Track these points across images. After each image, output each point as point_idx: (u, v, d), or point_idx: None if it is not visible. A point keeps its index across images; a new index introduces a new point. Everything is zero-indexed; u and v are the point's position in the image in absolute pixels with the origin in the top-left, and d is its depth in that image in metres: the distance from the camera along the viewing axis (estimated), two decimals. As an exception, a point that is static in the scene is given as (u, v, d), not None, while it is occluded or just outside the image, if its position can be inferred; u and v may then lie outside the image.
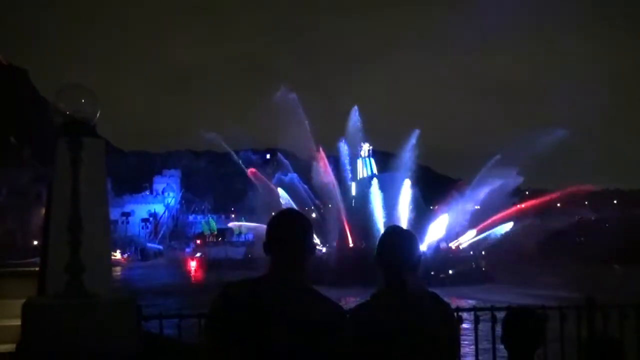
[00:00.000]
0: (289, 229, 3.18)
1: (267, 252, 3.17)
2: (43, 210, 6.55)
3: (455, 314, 5.24)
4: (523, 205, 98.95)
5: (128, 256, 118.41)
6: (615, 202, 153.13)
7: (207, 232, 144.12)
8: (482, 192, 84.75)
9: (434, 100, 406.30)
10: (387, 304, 3.50)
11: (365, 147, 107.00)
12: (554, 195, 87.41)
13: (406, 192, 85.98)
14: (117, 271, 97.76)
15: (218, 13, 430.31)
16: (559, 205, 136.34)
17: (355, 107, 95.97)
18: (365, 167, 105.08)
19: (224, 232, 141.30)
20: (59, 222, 5.57)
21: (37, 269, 6.90)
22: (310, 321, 2.98)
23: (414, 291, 3.54)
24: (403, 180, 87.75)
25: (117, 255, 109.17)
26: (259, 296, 3.00)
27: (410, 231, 3.82)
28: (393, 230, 3.78)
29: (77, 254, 5.22)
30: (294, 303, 3.00)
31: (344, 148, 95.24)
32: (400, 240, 3.66)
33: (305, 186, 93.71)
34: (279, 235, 3.17)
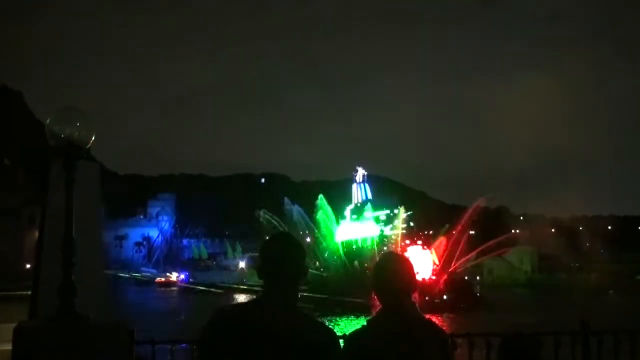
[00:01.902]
0: (281, 253, 3.17)
1: (260, 275, 3.17)
2: (36, 233, 6.52)
3: (450, 339, 5.22)
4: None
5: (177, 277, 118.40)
6: (609, 228, 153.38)
7: (196, 257, 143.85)
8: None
9: (428, 125, 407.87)
10: (384, 330, 3.49)
11: (360, 172, 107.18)
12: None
13: (400, 218, 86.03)
14: (174, 292, 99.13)
15: (213, 36, 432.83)
16: (553, 230, 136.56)
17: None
18: (360, 192, 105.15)
19: (214, 256, 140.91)
20: (51, 244, 5.55)
21: (29, 292, 6.85)
22: (303, 345, 2.96)
23: (410, 317, 3.54)
24: (397, 204, 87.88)
25: (173, 276, 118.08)
26: (250, 320, 2.99)
27: (406, 257, 3.84)
28: (389, 256, 3.79)
29: (69, 277, 5.19)
30: (286, 327, 2.97)
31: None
32: (397, 266, 3.67)
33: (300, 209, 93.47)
34: (272, 258, 3.16)
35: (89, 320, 5.27)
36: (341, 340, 3.33)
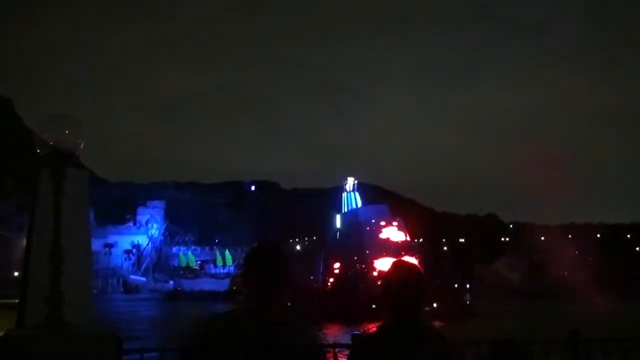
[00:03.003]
0: (265, 262, 3.17)
1: (244, 284, 3.17)
2: (24, 241, 6.49)
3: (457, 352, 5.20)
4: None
5: None
6: (598, 235, 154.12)
7: (184, 265, 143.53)
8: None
9: (418, 133, 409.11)
10: (396, 337, 3.45)
11: (350, 180, 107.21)
12: None
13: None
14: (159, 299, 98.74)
15: (204, 44, 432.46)
16: (542, 239, 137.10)
17: None
18: (350, 200, 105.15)
19: (203, 264, 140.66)
20: (39, 252, 5.51)
21: (16, 300, 6.80)
22: (287, 354, 2.95)
23: (423, 327, 3.50)
24: (386, 213, 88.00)
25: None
26: (234, 329, 2.98)
27: (417, 265, 3.78)
28: (400, 264, 3.75)
29: (57, 285, 5.16)
30: (269, 336, 2.96)
31: None
32: (410, 275, 3.63)
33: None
34: (256, 267, 3.16)
35: (78, 329, 5.24)
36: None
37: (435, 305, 68.27)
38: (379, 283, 3.68)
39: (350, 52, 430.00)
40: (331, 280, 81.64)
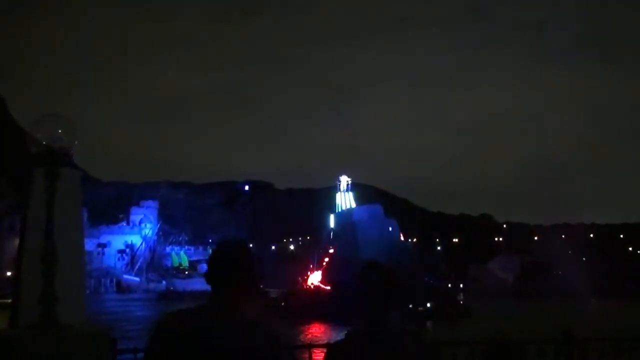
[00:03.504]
0: (228, 260, 3.19)
1: (208, 282, 3.19)
2: (17, 241, 6.47)
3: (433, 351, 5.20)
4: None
5: None
6: (591, 236, 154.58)
7: (176, 265, 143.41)
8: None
9: (412, 133, 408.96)
10: (362, 344, 3.43)
11: (344, 180, 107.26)
12: None
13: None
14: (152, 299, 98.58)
15: (201, 44, 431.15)
16: (536, 239, 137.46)
17: None
18: (344, 200, 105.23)
19: (195, 263, 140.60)
20: (32, 252, 5.49)
21: (9, 300, 6.78)
22: (248, 350, 2.96)
23: (392, 330, 3.48)
24: (381, 212, 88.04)
25: None
26: (195, 326, 2.99)
27: (389, 265, 3.77)
28: (371, 265, 3.72)
29: (50, 285, 5.13)
30: (230, 333, 2.98)
31: None
32: (379, 276, 3.61)
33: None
34: (218, 265, 3.18)
35: (71, 329, 5.22)
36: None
37: (428, 305, 68.38)
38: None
39: (350, 52, 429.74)
40: (320, 279, 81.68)
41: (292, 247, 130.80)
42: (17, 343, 5.12)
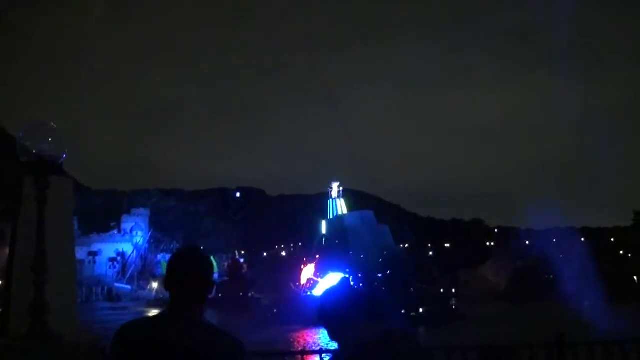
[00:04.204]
0: (186, 266, 3.23)
1: (167, 288, 3.20)
2: (7, 250, 6.43)
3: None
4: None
5: None
6: (582, 239, 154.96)
7: (164, 272, 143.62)
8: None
9: (403, 139, 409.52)
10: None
11: (335, 187, 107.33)
12: None
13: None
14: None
15: (190, 50, 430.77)
16: (527, 243, 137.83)
17: None
18: (335, 207, 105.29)
19: None
20: (23, 261, 5.47)
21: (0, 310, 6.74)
22: (208, 356, 2.98)
23: (390, 335, 3.38)
24: (373, 218, 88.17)
25: None
26: (155, 334, 3.01)
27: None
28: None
29: (41, 294, 5.11)
30: (191, 338, 2.99)
31: None
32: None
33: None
34: (178, 271, 3.22)
35: (62, 338, 5.20)
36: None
37: (421, 310, 68.47)
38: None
39: (340, 58, 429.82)
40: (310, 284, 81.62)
41: (284, 253, 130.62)
42: (8, 353, 5.10)
